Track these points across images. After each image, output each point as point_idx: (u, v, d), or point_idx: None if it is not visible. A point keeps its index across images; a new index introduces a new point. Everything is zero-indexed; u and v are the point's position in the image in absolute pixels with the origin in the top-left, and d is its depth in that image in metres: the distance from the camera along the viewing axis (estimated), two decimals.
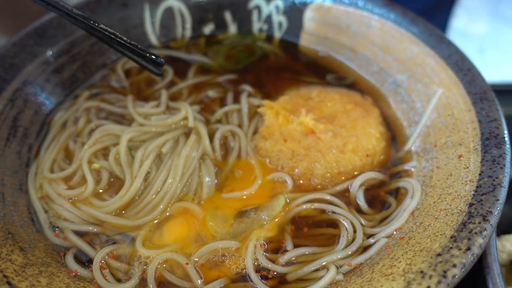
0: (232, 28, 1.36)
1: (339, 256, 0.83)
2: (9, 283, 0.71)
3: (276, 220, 0.90)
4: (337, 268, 0.81)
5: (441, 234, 0.73)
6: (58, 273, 0.79)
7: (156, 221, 0.91)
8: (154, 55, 0.94)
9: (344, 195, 0.95)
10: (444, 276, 0.65)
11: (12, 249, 0.79)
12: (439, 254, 0.69)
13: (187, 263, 0.83)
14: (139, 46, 0.94)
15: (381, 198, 0.95)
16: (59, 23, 1.17)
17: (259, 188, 0.96)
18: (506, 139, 0.84)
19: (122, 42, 0.92)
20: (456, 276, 0.65)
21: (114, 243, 0.88)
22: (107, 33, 0.91)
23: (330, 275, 0.79)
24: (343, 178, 0.98)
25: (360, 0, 1.22)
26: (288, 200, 0.93)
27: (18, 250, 0.79)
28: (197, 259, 0.84)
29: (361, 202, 0.94)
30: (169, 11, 1.31)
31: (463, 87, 0.97)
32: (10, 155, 0.97)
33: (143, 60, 0.95)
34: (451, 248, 0.69)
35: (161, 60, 0.95)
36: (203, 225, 0.89)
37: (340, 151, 0.99)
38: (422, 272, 0.67)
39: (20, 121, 1.03)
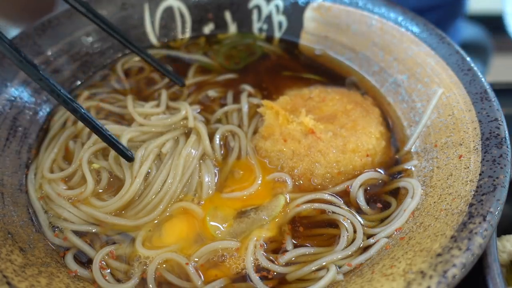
0: (232, 28, 1.35)
1: (339, 256, 0.83)
2: (8, 283, 0.70)
3: (276, 220, 0.90)
4: (337, 268, 0.81)
5: (441, 234, 0.73)
6: (57, 273, 0.79)
7: (156, 221, 0.90)
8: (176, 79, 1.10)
9: (344, 195, 0.95)
10: (444, 276, 0.65)
11: (11, 249, 0.78)
12: (439, 254, 0.69)
13: (187, 263, 0.83)
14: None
15: (382, 198, 0.95)
16: (59, 23, 1.17)
17: (259, 188, 0.96)
18: (507, 139, 0.84)
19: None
20: (456, 276, 0.65)
21: (114, 243, 0.87)
22: None
23: (330, 275, 0.79)
24: (343, 178, 0.98)
25: None
26: (288, 200, 0.93)
27: (17, 250, 0.79)
28: (197, 259, 0.84)
29: (361, 202, 0.93)
30: (168, 11, 1.31)
31: (463, 87, 0.97)
32: (10, 155, 0.97)
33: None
34: (451, 248, 0.69)
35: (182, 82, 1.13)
36: (203, 225, 0.89)
37: (340, 151, 0.99)
38: (422, 272, 0.67)
39: (20, 121, 1.03)
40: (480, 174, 0.80)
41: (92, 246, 0.87)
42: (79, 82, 1.20)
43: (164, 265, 0.84)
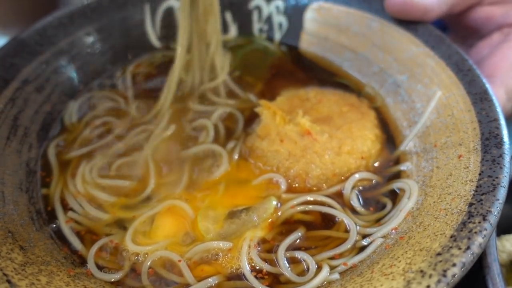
0: (233, 29, 1.36)
1: (330, 255, 0.84)
2: (9, 281, 0.70)
3: (270, 220, 0.90)
4: (331, 267, 0.82)
5: (441, 234, 0.73)
6: (58, 272, 0.79)
7: (147, 216, 0.91)
8: None
9: (339, 196, 0.95)
10: (444, 275, 0.65)
11: (12, 247, 0.78)
12: (439, 254, 0.69)
13: (179, 260, 0.83)
14: None
15: (377, 199, 0.95)
16: (60, 23, 1.18)
17: (252, 189, 0.96)
18: (506, 139, 0.84)
19: None
20: (456, 275, 0.65)
21: (110, 235, 0.89)
22: None
23: (323, 274, 0.80)
24: (338, 179, 0.98)
25: (360, 0, 1.22)
26: (279, 203, 0.93)
27: (18, 249, 0.79)
28: (190, 257, 0.84)
29: (356, 203, 0.94)
30: (169, 11, 1.31)
31: (463, 87, 0.97)
32: (11, 154, 0.97)
33: None
34: (451, 247, 0.69)
35: None
36: (193, 225, 0.89)
37: (336, 152, 0.99)
38: (422, 271, 0.67)
39: (20, 120, 1.03)
40: (479, 174, 0.80)
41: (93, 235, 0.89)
42: (79, 82, 1.20)
43: (157, 261, 0.84)
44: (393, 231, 0.85)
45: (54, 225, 0.90)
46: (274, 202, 0.92)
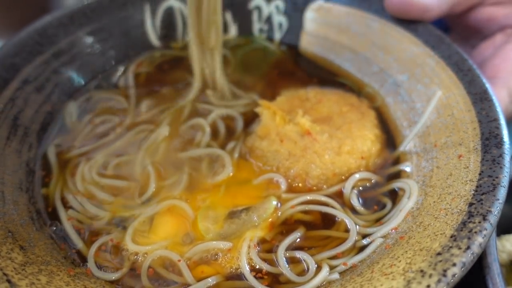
0: (233, 29, 1.36)
1: (330, 255, 0.84)
2: (9, 281, 0.70)
3: (270, 220, 0.90)
4: (331, 267, 0.82)
5: (441, 234, 0.73)
6: (58, 272, 0.79)
7: (147, 216, 0.91)
8: None
9: (339, 196, 0.95)
10: (444, 275, 0.65)
11: (12, 247, 0.79)
12: (439, 253, 0.69)
13: (179, 260, 0.83)
14: None
15: (377, 199, 0.95)
16: (60, 23, 1.18)
17: (252, 189, 0.96)
18: (506, 139, 0.84)
19: None
20: (456, 275, 0.65)
21: (110, 234, 0.89)
22: None
23: (322, 274, 0.80)
24: (338, 179, 0.98)
25: (360, 0, 1.22)
26: (279, 203, 0.93)
27: (18, 249, 0.79)
28: (189, 257, 0.84)
29: (356, 203, 0.94)
30: (169, 11, 1.31)
31: (463, 87, 0.97)
32: (11, 154, 0.97)
33: None
34: (451, 247, 0.69)
35: None
36: (193, 225, 0.89)
37: (336, 152, 0.99)
38: (422, 271, 0.67)
39: (21, 120, 1.03)
40: (479, 174, 0.80)
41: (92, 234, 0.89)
42: (79, 82, 1.20)
43: (156, 260, 0.84)
44: (393, 231, 0.85)
45: (55, 227, 0.90)
46: (274, 202, 0.92)
